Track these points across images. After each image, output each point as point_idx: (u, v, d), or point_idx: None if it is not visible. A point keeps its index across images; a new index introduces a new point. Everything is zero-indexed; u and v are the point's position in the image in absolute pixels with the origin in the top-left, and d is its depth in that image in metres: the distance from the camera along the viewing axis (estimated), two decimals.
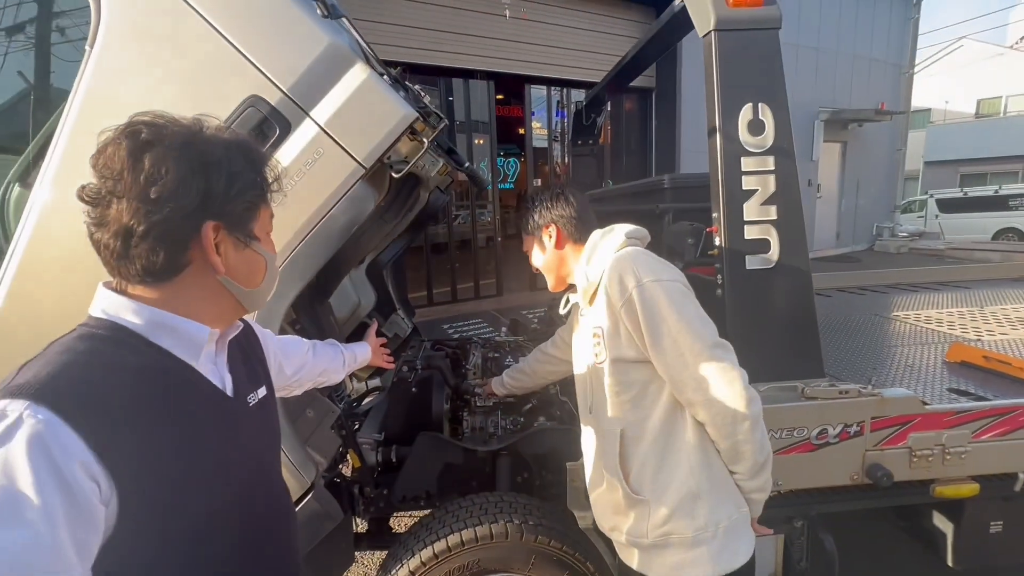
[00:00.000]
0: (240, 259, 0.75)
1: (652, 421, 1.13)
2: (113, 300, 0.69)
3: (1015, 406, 1.39)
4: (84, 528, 0.58)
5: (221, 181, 0.69)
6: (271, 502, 0.88)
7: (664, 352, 1.07)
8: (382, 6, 5.95)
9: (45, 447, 0.56)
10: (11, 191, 1.29)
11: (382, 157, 1.24)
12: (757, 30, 1.33)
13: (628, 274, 1.10)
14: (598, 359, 1.18)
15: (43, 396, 0.58)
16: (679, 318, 1.06)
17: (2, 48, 1.36)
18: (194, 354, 0.73)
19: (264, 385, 0.90)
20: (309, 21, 1.17)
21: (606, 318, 1.13)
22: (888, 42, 11.30)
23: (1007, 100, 20.43)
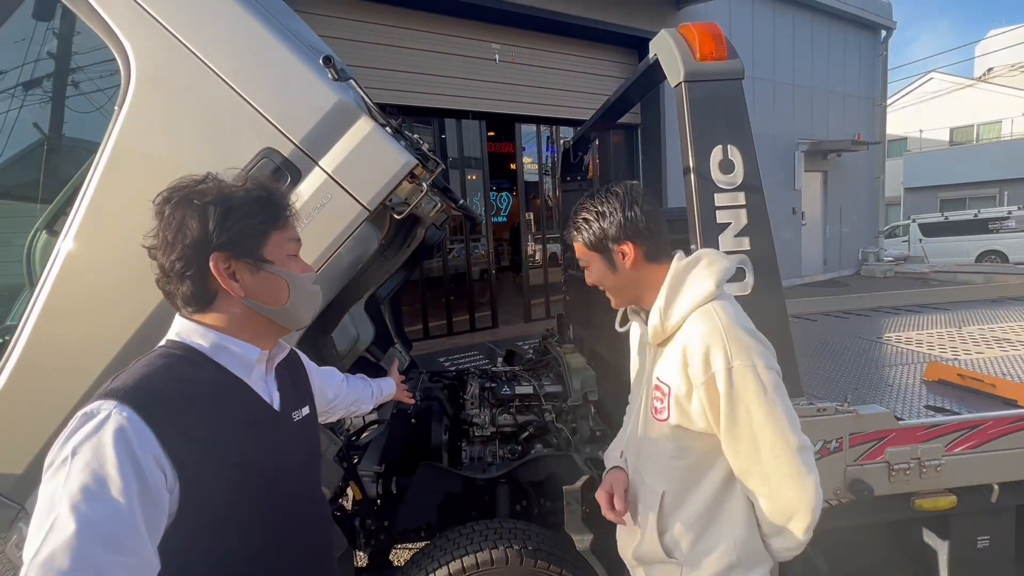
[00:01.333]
0: (257, 282, 0.85)
1: (701, 492, 1.05)
2: (185, 325, 0.85)
3: (982, 420, 1.48)
4: (153, 509, 0.69)
5: (215, 217, 0.80)
6: (313, 507, 1.00)
7: (739, 442, 0.97)
8: (379, 53, 6.25)
9: (127, 439, 0.68)
10: (39, 238, 1.39)
11: (384, 200, 1.35)
12: (723, 80, 1.48)
13: (717, 350, 0.96)
14: (658, 415, 1.06)
15: (128, 398, 0.71)
16: (767, 414, 0.95)
17: (33, 100, 1.48)
18: (247, 371, 0.87)
19: (308, 405, 1.03)
20: (319, 81, 1.30)
21: (680, 381, 1.01)
22: (860, 77, 11.88)
23: (978, 128, 21.28)
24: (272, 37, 1.30)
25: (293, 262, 0.90)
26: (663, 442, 1.07)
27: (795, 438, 0.97)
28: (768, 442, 0.96)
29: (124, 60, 1.27)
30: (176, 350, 0.83)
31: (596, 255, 1.13)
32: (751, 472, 0.99)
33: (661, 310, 1.06)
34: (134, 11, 1.25)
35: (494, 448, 2.13)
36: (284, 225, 0.88)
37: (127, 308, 1.29)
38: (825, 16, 10.88)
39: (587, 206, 1.13)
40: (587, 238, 1.12)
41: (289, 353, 1.05)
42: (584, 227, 1.12)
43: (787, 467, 0.96)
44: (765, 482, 0.98)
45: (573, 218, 1.16)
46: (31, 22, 1.40)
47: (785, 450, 0.96)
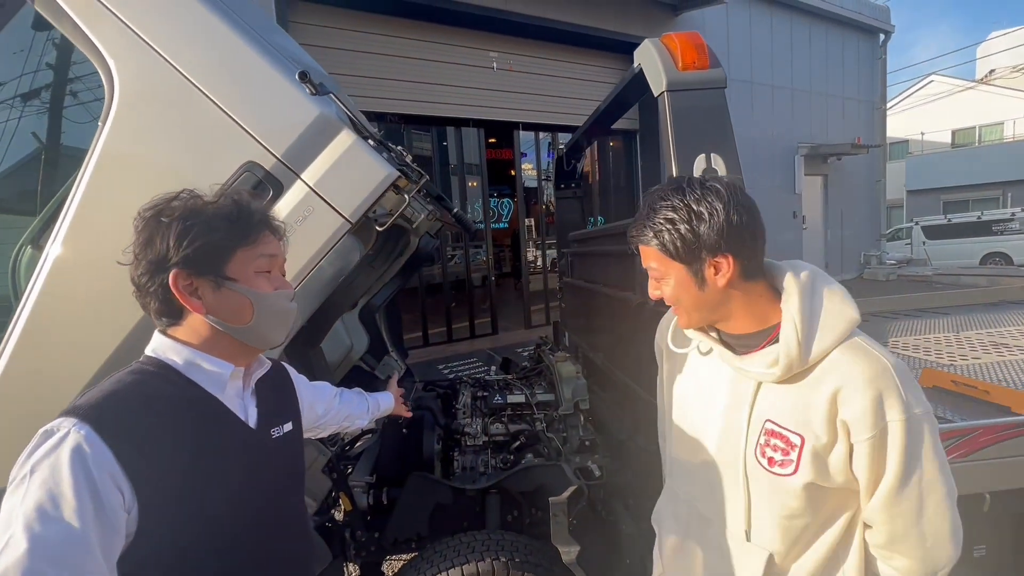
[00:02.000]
0: (219, 299, 0.84)
1: (814, 553, 0.91)
2: (161, 342, 0.86)
3: (972, 428, 1.46)
4: (108, 529, 0.69)
5: (175, 234, 0.80)
6: (286, 524, 0.98)
7: (903, 500, 0.84)
8: (379, 63, 6.31)
9: (84, 458, 0.69)
10: (23, 252, 1.40)
11: (367, 212, 1.35)
12: (705, 89, 1.48)
13: (893, 397, 0.81)
14: (780, 467, 0.88)
15: (88, 416, 0.72)
16: (940, 468, 0.84)
17: (20, 115, 1.50)
18: (220, 388, 0.87)
19: (291, 421, 1.02)
20: (300, 95, 1.31)
21: (824, 431, 0.85)
22: (859, 81, 11.88)
23: (980, 130, 21.22)
24: (254, 52, 1.31)
25: (261, 279, 0.88)
26: (781, 499, 0.89)
27: (955, 491, 0.86)
28: (934, 500, 0.84)
29: (108, 76, 1.28)
30: (149, 366, 0.84)
31: (680, 267, 0.91)
32: (907, 536, 0.86)
33: (799, 339, 0.85)
34: (117, 28, 1.27)
35: (486, 458, 2.12)
36: (253, 242, 0.87)
37: (111, 321, 1.29)
38: (823, 20, 10.90)
39: (673, 202, 0.89)
40: (671, 244, 0.89)
41: (274, 368, 1.04)
42: (668, 229, 0.89)
43: (947, 524, 0.85)
44: (920, 544, 0.85)
45: (648, 215, 0.92)
46: (18, 38, 1.42)
47: (949, 507, 0.85)
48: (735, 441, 0.94)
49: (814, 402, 0.85)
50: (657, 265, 0.94)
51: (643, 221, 0.94)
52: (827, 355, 0.86)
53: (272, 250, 0.91)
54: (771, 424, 0.89)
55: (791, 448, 0.87)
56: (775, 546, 0.91)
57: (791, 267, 0.94)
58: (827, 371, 0.86)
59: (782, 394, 0.89)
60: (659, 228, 0.90)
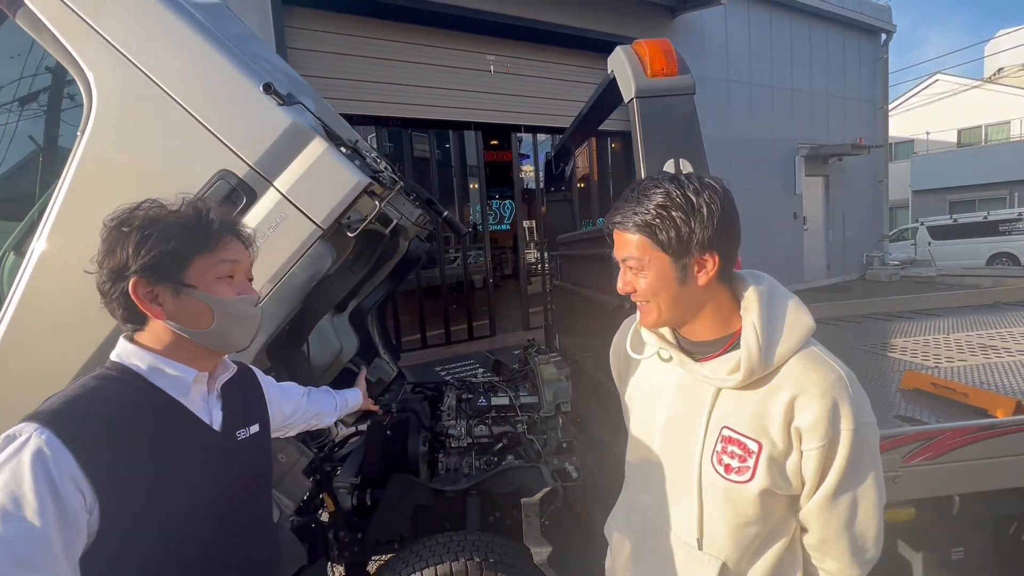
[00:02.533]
0: (179, 305, 0.86)
1: (765, 564, 0.92)
2: (126, 347, 0.88)
3: (940, 430, 1.47)
4: (70, 529, 0.72)
5: (134, 243, 0.83)
6: (252, 525, 1.00)
7: (838, 505, 0.86)
8: (376, 67, 6.36)
9: (44, 461, 0.71)
10: (6, 258, 1.43)
11: (339, 219, 1.38)
12: (674, 96, 1.50)
13: (846, 406, 0.83)
14: (736, 474, 0.88)
15: (49, 421, 0.74)
16: (875, 476, 0.86)
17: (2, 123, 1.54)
18: (183, 392, 0.89)
19: (258, 423, 1.04)
20: (273, 104, 1.34)
21: (780, 438, 0.85)
22: (860, 81, 11.83)
23: (987, 129, 21.04)
24: (228, 63, 1.34)
25: (222, 285, 0.90)
26: (737, 506, 0.89)
27: (884, 498, 0.89)
28: (865, 506, 0.86)
29: (86, 87, 1.32)
30: (113, 371, 0.86)
31: (665, 259, 0.88)
32: (838, 539, 0.88)
33: (760, 346, 0.86)
34: (96, 41, 1.30)
35: (470, 459, 2.14)
36: (212, 248, 0.88)
37: (88, 325, 1.32)
38: (823, 20, 10.86)
39: (670, 191, 0.86)
40: (664, 236, 0.86)
41: (240, 371, 1.07)
42: (661, 217, 0.85)
43: (874, 530, 0.88)
44: (850, 548, 0.88)
45: (638, 201, 0.88)
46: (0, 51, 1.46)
47: (877, 513, 0.87)
48: (691, 449, 0.93)
49: (771, 409, 0.86)
50: (639, 255, 0.90)
51: (631, 207, 0.89)
52: (785, 362, 0.87)
53: (234, 255, 0.92)
54: (728, 431, 0.90)
55: (748, 455, 0.87)
56: (728, 554, 0.91)
57: (751, 276, 0.96)
58: (785, 378, 0.87)
59: (740, 401, 0.89)
60: (651, 215, 0.86)
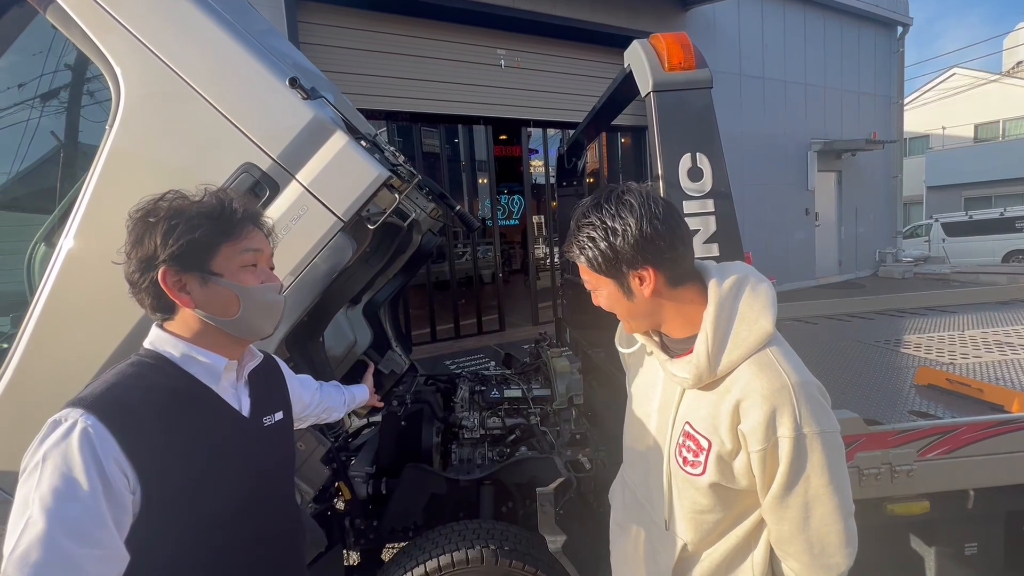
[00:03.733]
0: (207, 294, 0.88)
1: (725, 543, 0.97)
2: (159, 335, 0.91)
3: (956, 425, 1.47)
4: (118, 508, 0.76)
5: (161, 233, 0.84)
6: (278, 507, 1.03)
7: (788, 507, 0.87)
8: (387, 62, 6.38)
9: (91, 444, 0.74)
10: (38, 249, 1.48)
11: (359, 211, 1.41)
12: (691, 90, 1.50)
13: (785, 414, 0.84)
14: (691, 467, 0.94)
15: (93, 407, 0.78)
16: (827, 484, 0.85)
17: (34, 117, 1.57)
18: (214, 380, 0.92)
19: (282, 411, 1.08)
20: (295, 99, 1.36)
21: (727, 439, 0.89)
22: (875, 75, 11.65)
23: (1005, 124, 20.64)
24: (252, 58, 1.36)
25: (247, 273, 0.91)
26: (692, 495, 0.95)
27: (848, 504, 0.88)
28: (820, 512, 0.86)
29: (114, 82, 1.35)
30: (148, 359, 0.89)
31: (607, 280, 0.95)
32: (793, 540, 0.90)
33: (708, 353, 0.89)
34: (123, 37, 1.33)
35: (483, 450, 2.17)
36: (237, 237, 0.90)
37: (117, 315, 1.36)
38: (838, 14, 10.70)
39: (592, 219, 0.92)
40: (594, 260, 0.93)
41: (265, 360, 1.10)
42: (589, 246, 0.92)
43: (835, 536, 0.87)
44: (807, 551, 0.89)
45: (574, 232, 0.95)
46: (31, 46, 1.50)
47: (836, 520, 0.87)
48: (662, 439, 1.01)
49: (721, 411, 0.89)
50: (587, 278, 0.99)
51: (570, 238, 0.98)
52: (736, 367, 0.89)
53: (257, 244, 0.93)
54: (688, 426, 0.95)
55: (700, 451, 0.93)
56: (688, 536, 0.98)
57: (718, 273, 0.96)
58: (734, 381, 0.89)
59: (699, 400, 0.94)
60: (582, 245, 0.94)
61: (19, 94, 1.54)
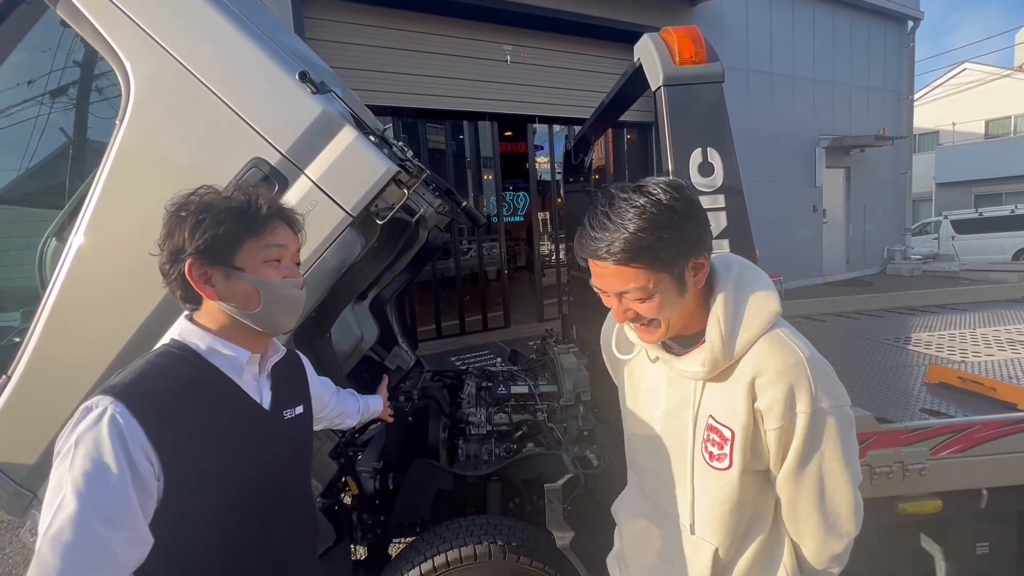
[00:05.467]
0: (229, 287, 0.91)
1: (756, 542, 0.95)
2: (186, 327, 0.94)
3: (969, 423, 1.45)
4: (143, 493, 0.78)
5: (189, 227, 0.87)
6: (295, 499, 1.06)
7: (803, 483, 0.88)
8: (392, 57, 6.37)
9: (120, 431, 0.77)
10: (49, 244, 1.48)
11: (368, 206, 1.40)
12: (702, 84, 1.49)
13: (803, 390, 0.84)
14: (717, 462, 0.91)
15: (121, 395, 0.80)
16: (842, 455, 0.86)
17: (44, 113, 1.58)
18: (237, 372, 0.95)
19: (302, 405, 1.10)
20: (304, 93, 1.36)
21: (746, 420, 0.87)
22: (885, 70, 11.52)
23: (1016, 120, 20.38)
24: (261, 52, 1.36)
25: (269, 268, 0.93)
26: (722, 493, 0.92)
27: (858, 476, 0.89)
28: (833, 484, 0.88)
29: (124, 76, 1.35)
30: (176, 349, 0.92)
31: (666, 277, 0.85)
32: (809, 516, 0.90)
33: (723, 336, 0.87)
34: (133, 31, 1.33)
35: (490, 446, 2.17)
36: (260, 232, 0.92)
37: (129, 307, 1.37)
38: (847, 8, 10.58)
39: (649, 209, 0.81)
40: (664, 254, 0.82)
41: (288, 354, 1.12)
42: (660, 243, 0.81)
43: (846, 507, 0.89)
44: (822, 524, 0.90)
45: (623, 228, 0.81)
46: (40, 42, 1.50)
47: (848, 491, 0.88)
48: (683, 439, 0.96)
49: (738, 393, 0.88)
50: (642, 284, 0.85)
51: (613, 236, 0.82)
52: (749, 348, 0.88)
53: (282, 240, 0.95)
54: (711, 420, 0.92)
55: (724, 442, 0.90)
56: (720, 540, 0.94)
57: (720, 263, 0.95)
58: (748, 362, 0.88)
59: (716, 391, 0.92)
60: (642, 239, 0.81)
61: (30, 90, 1.54)
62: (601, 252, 0.84)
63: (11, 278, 1.69)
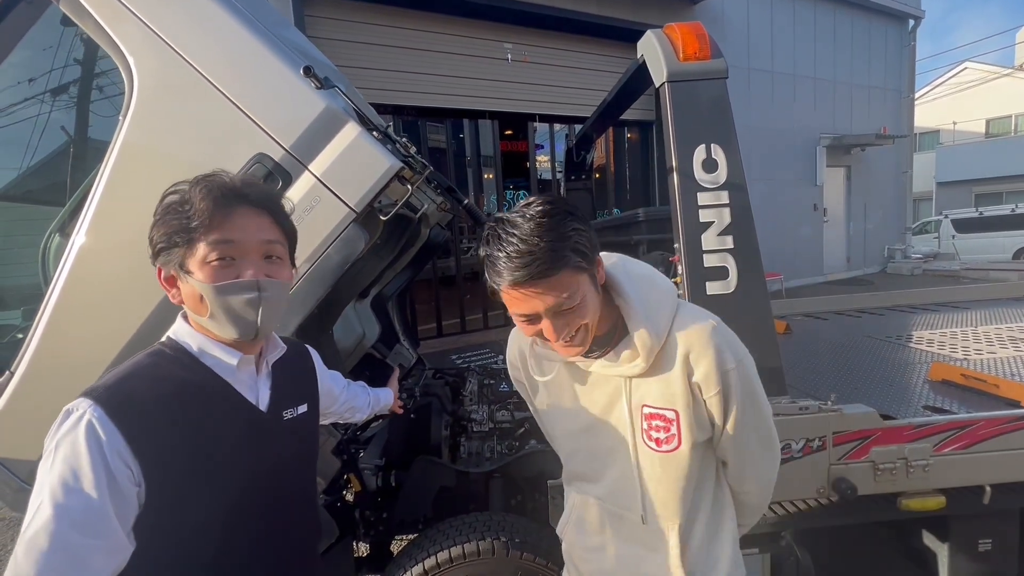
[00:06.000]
0: (186, 290, 0.86)
1: (705, 503, 0.99)
2: (180, 326, 0.91)
3: (973, 420, 1.45)
4: (121, 502, 0.75)
5: (152, 229, 0.85)
6: (293, 503, 1.00)
7: (752, 430, 0.95)
8: (393, 55, 6.36)
9: (97, 437, 0.74)
10: (52, 241, 1.48)
11: (372, 202, 1.40)
12: (706, 80, 1.49)
13: (726, 348, 0.90)
14: (664, 445, 0.93)
15: (101, 398, 0.77)
16: (764, 403, 0.96)
17: (45, 110, 1.58)
18: (230, 372, 0.90)
19: (307, 403, 1.05)
20: (308, 89, 1.36)
21: (686, 397, 0.90)
22: (886, 69, 11.52)
23: (1016, 119, 20.37)
24: (264, 48, 1.36)
25: (210, 269, 0.83)
26: (675, 471, 0.94)
27: (771, 413, 1.00)
28: (767, 430, 0.98)
29: (127, 72, 1.35)
30: (167, 349, 0.89)
31: (586, 277, 0.86)
32: (761, 461, 0.99)
33: (647, 337, 0.89)
34: (137, 27, 1.33)
35: (492, 444, 2.17)
36: (206, 229, 0.83)
37: (131, 305, 1.37)
38: (848, 6, 10.57)
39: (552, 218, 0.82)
40: (577, 252, 0.83)
41: (293, 349, 1.07)
42: (571, 242, 0.82)
43: (774, 431, 1.00)
44: (769, 459, 1.00)
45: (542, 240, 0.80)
46: (43, 38, 1.50)
47: (774, 431, 1.00)
48: (620, 435, 0.97)
49: (671, 374, 0.91)
50: (572, 291, 0.84)
51: (534, 251, 0.80)
52: (670, 328, 0.92)
53: (229, 234, 0.83)
54: (648, 408, 0.94)
55: (669, 423, 0.93)
56: (681, 516, 0.96)
57: (604, 260, 0.95)
58: (672, 344, 0.91)
59: (645, 383, 0.94)
60: (558, 245, 0.81)
61: (33, 87, 1.54)
62: (526, 274, 0.81)
63: (14, 275, 1.69)
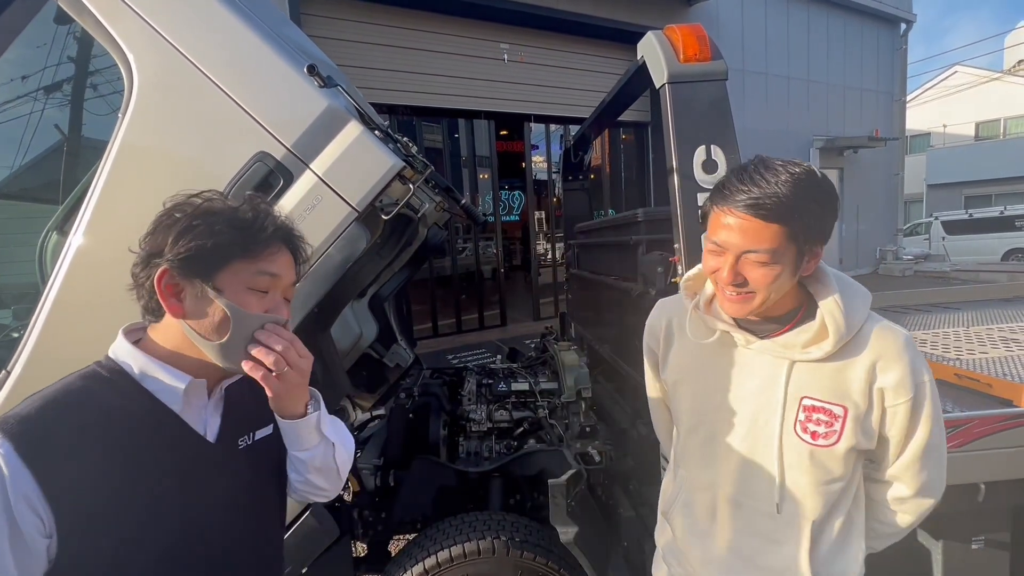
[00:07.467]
0: (199, 307, 0.77)
1: (842, 510, 0.99)
2: (121, 345, 0.81)
3: (967, 419, 1.47)
4: (24, 553, 0.66)
5: (175, 231, 0.76)
6: (245, 538, 0.88)
7: (933, 450, 0.96)
8: (389, 55, 6.35)
9: (2, 478, 0.65)
10: (49, 239, 1.47)
11: (373, 201, 1.40)
12: (706, 81, 1.50)
13: (920, 364, 0.92)
14: (823, 439, 0.93)
15: (12, 433, 0.67)
16: (944, 434, 0.99)
17: (45, 107, 1.56)
18: (174, 399, 0.79)
19: (272, 423, 0.92)
20: (310, 88, 1.35)
21: (863, 400, 0.91)
22: (878, 72, 11.64)
23: (1006, 123, 20.63)
24: (266, 46, 1.35)
25: (252, 297, 0.79)
26: (821, 467, 0.94)
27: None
28: (944, 457, 0.99)
29: (127, 69, 1.34)
30: (103, 370, 0.79)
31: (793, 250, 0.86)
32: (935, 482, 1.00)
33: (841, 319, 0.90)
34: (137, 24, 1.32)
35: (490, 443, 2.18)
36: (255, 255, 0.80)
37: (130, 304, 1.35)
38: (841, 10, 10.68)
39: (812, 180, 0.84)
40: (801, 227, 0.85)
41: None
42: (806, 213, 0.84)
43: (943, 467, 1.01)
44: (941, 484, 1.01)
45: (782, 187, 0.83)
46: (41, 35, 1.49)
47: (945, 451, 1.00)
48: (767, 420, 0.97)
49: (851, 374, 0.92)
50: (773, 247, 0.85)
51: (769, 189, 0.83)
52: (859, 330, 0.93)
53: (277, 269, 0.82)
54: (810, 400, 0.94)
55: (835, 419, 0.93)
56: (816, 512, 0.97)
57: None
58: (859, 345, 0.92)
59: (816, 372, 0.94)
60: (798, 202, 0.83)
61: (31, 83, 1.52)
62: (752, 203, 0.84)
63: (12, 273, 1.67)
